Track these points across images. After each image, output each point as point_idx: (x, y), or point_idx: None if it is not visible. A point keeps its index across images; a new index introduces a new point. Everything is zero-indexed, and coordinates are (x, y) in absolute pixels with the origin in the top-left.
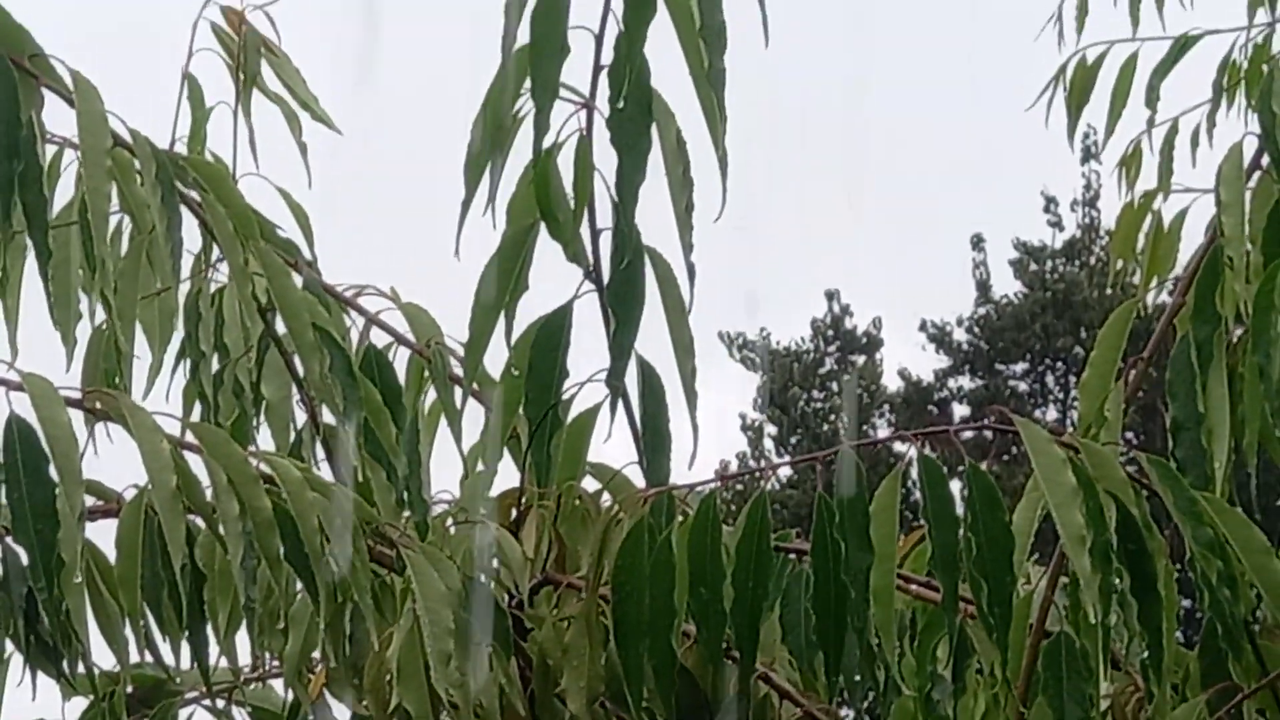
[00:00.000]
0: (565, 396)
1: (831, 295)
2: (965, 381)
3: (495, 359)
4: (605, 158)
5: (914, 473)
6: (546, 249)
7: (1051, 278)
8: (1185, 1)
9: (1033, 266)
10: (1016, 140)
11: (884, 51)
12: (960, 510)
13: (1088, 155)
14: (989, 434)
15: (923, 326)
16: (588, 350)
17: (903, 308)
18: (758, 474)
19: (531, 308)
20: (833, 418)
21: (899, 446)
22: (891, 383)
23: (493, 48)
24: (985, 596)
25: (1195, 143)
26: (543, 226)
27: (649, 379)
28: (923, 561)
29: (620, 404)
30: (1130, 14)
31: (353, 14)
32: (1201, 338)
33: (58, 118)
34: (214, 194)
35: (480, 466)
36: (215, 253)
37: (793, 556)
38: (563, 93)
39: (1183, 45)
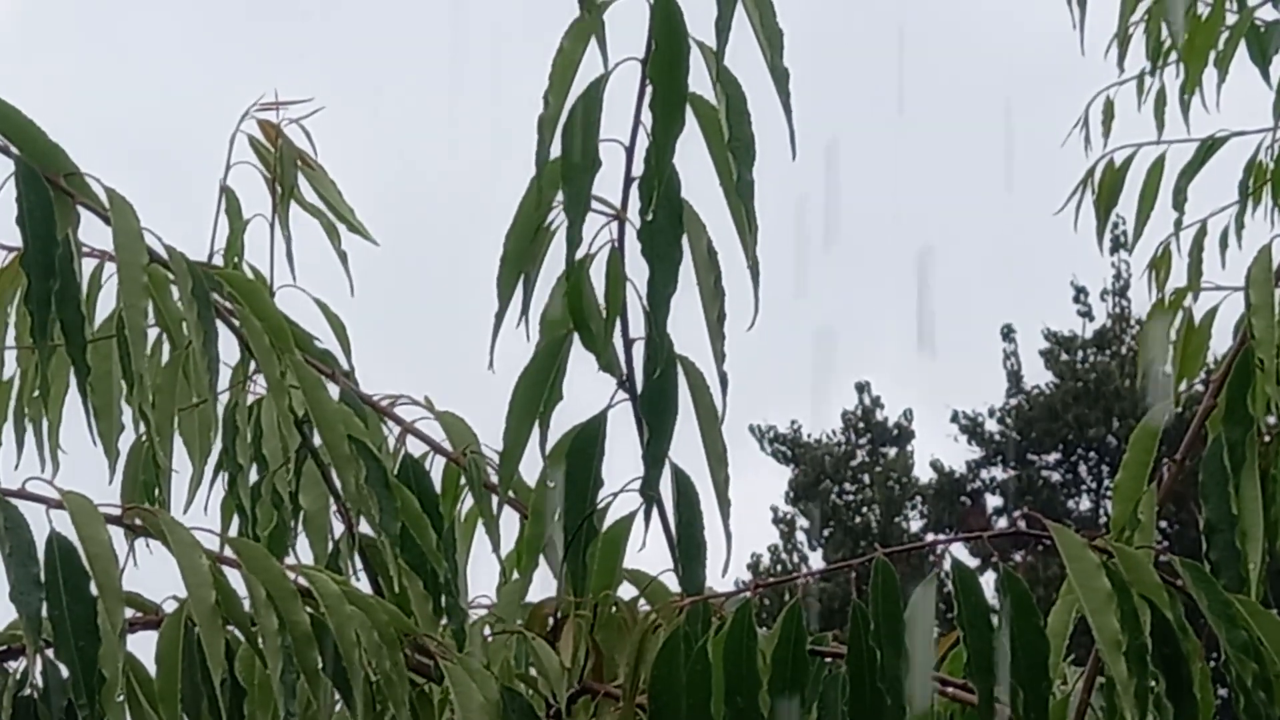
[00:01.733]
0: (600, 505)
1: (862, 387)
2: (998, 472)
3: (531, 467)
4: (637, 268)
5: (947, 564)
6: (580, 359)
7: (1083, 367)
8: (1210, 104)
9: (1064, 356)
10: (1045, 231)
11: (912, 144)
12: (994, 608)
13: (1117, 245)
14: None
15: (954, 418)
16: (622, 458)
17: (934, 399)
18: (792, 579)
19: (566, 417)
20: (865, 510)
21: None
22: (923, 474)
23: (526, 160)
24: (1021, 702)
25: (1224, 244)
26: (576, 337)
27: (683, 487)
28: (960, 663)
29: (655, 512)
30: (1155, 117)
31: (390, 126)
32: (1234, 440)
33: (97, 232)
34: (250, 307)
35: (516, 575)
36: (252, 365)
37: (829, 660)
38: (594, 204)
39: (1209, 148)
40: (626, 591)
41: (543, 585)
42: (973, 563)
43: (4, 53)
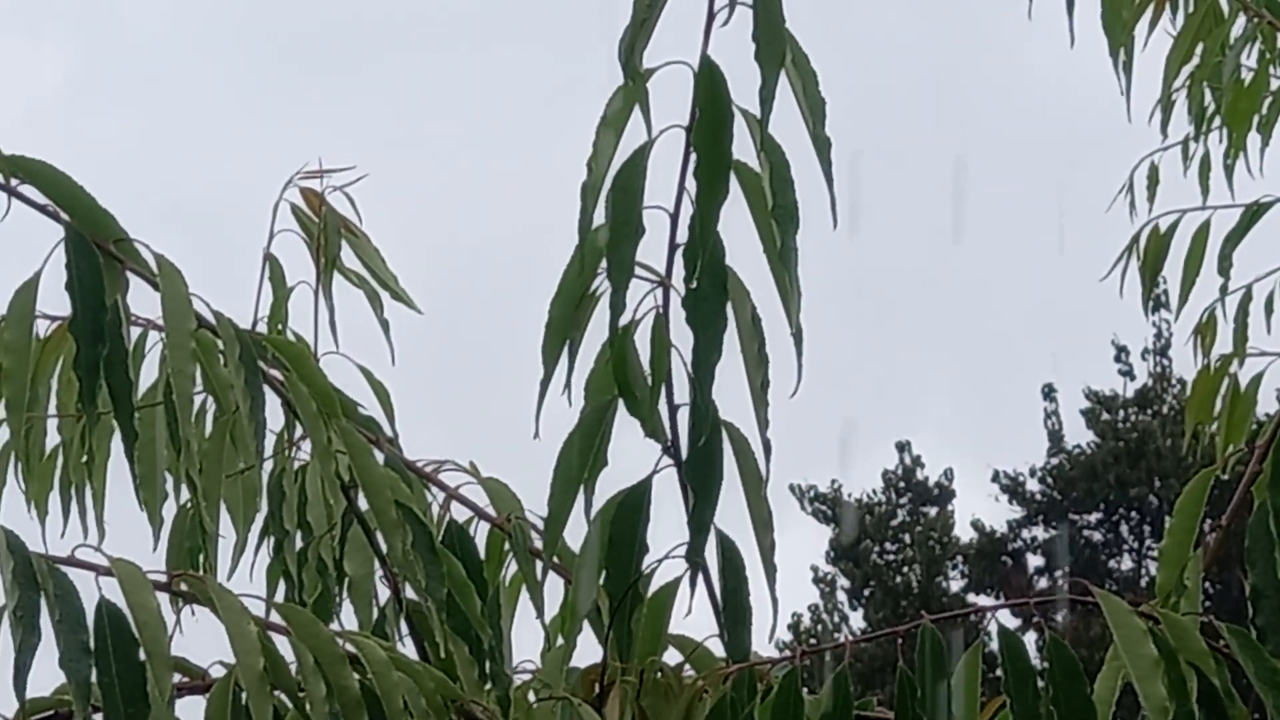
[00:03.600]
0: (645, 571)
1: (903, 447)
2: (1039, 532)
3: (576, 533)
4: (682, 335)
5: (992, 628)
6: (625, 425)
7: (1124, 427)
8: (1254, 169)
9: (1105, 416)
10: (1086, 290)
11: (958, 206)
12: (1040, 669)
13: (1158, 304)
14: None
15: (995, 477)
16: (667, 524)
17: (974, 459)
18: (839, 646)
19: (611, 483)
20: (906, 570)
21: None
22: (964, 534)
23: (572, 226)
24: None
25: (1270, 309)
26: (621, 403)
27: (728, 553)
28: None
29: (700, 578)
30: (1200, 183)
31: (437, 195)
32: (1279, 505)
33: (143, 298)
34: (296, 373)
35: (561, 640)
36: (298, 431)
37: None
38: (639, 271)
39: (1254, 213)
40: (672, 657)
41: (588, 651)
42: (1014, 622)
43: (51, 119)
